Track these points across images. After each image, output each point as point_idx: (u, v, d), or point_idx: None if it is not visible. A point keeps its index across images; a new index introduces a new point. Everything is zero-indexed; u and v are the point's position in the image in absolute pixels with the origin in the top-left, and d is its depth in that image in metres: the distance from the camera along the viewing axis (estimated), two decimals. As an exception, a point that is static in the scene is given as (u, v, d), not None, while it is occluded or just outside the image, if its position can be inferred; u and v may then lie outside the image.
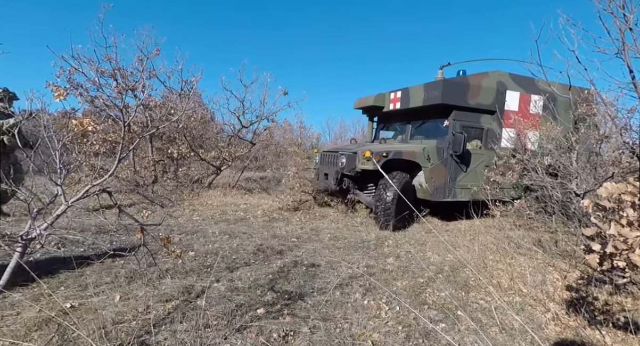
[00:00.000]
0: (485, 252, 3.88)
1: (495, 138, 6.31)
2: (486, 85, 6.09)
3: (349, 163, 5.76)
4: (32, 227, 1.51)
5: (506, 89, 6.28)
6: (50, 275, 3.02)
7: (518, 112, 6.41)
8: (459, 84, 5.88)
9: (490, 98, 6.13)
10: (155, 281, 2.95)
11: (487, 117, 6.26)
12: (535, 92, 6.54)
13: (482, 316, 2.63)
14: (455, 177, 6.02)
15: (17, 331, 2.04)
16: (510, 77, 6.40)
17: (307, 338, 2.20)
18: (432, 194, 5.82)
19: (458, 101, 5.83)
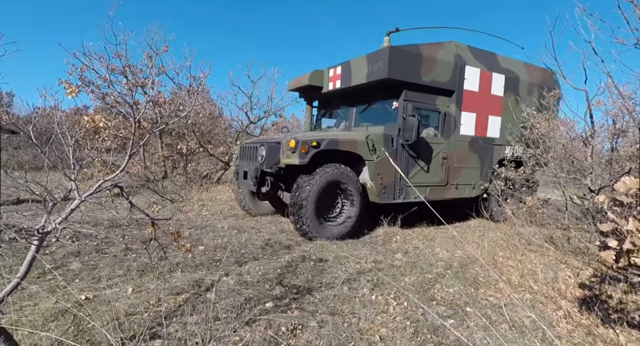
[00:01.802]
0: (495, 248, 3.84)
1: (454, 124, 5.32)
2: (442, 58, 5.02)
3: (271, 156, 4.43)
4: (47, 221, 1.55)
5: (465, 65, 5.25)
6: (65, 267, 3.11)
7: (479, 92, 5.50)
8: (410, 54, 4.71)
9: (447, 74, 5.10)
10: (166, 275, 3.01)
11: (444, 99, 5.22)
12: (497, 70, 5.68)
13: (492, 312, 2.61)
14: (408, 173, 4.96)
15: (35, 322, 2.11)
16: (469, 51, 5.41)
17: (315, 332, 2.21)
18: (379, 195, 4.70)
19: (409, 76, 4.71)
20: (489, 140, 5.77)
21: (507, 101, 5.79)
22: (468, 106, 5.43)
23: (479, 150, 5.67)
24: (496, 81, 5.70)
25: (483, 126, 5.69)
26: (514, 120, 5.76)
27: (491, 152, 5.81)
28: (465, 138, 5.49)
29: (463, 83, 5.30)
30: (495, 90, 5.72)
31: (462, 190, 5.56)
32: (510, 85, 5.84)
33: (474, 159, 5.63)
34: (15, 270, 2.72)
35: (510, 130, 5.82)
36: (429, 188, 5.16)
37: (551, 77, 6.29)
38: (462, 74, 5.29)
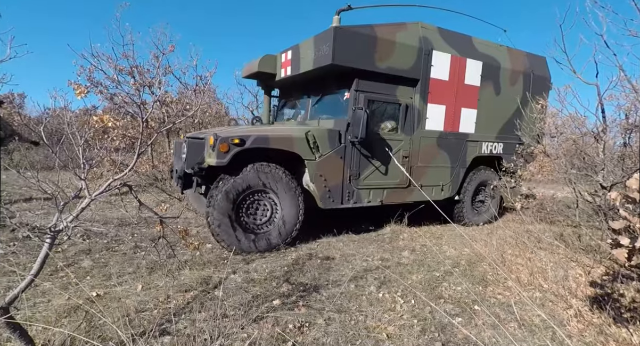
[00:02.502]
0: (503, 246, 3.80)
1: (418, 118, 4.67)
2: (404, 42, 4.31)
3: (192, 155, 3.81)
4: (59, 220, 1.58)
5: (432, 49, 4.55)
6: (76, 265, 3.17)
7: (449, 82, 4.81)
8: (361, 37, 3.99)
9: (409, 60, 4.40)
10: (175, 272, 3.05)
11: (406, 89, 4.55)
12: (473, 56, 4.98)
13: (500, 311, 2.59)
14: (359, 173, 4.30)
15: (49, 318, 2.16)
16: (438, 33, 4.70)
17: (322, 329, 2.22)
18: (323, 199, 4.09)
19: (360, 62, 4.04)
20: (461, 136, 5.10)
21: (485, 91, 5.18)
22: (436, 97, 4.75)
23: (449, 147, 5.01)
24: (471, 68, 4.97)
25: (454, 120, 4.99)
26: (494, 114, 5.33)
27: (464, 149, 5.17)
28: (432, 134, 4.83)
29: (429, 71, 4.60)
30: (471, 79, 5.00)
31: (429, 192, 4.94)
32: (489, 73, 5.14)
33: (442, 158, 4.98)
34: (29, 268, 2.78)
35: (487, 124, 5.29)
36: (387, 191, 4.57)
37: (541, 63, 5.79)
38: (429, 60, 4.56)
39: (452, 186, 5.17)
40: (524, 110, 5.36)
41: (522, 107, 5.33)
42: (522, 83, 5.53)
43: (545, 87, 5.75)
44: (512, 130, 5.48)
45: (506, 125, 5.50)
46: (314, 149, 3.98)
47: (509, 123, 5.50)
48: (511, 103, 5.44)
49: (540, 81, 5.69)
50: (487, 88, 5.20)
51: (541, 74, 5.74)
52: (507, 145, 5.64)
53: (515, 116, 5.47)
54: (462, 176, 5.25)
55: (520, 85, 5.52)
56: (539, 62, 5.77)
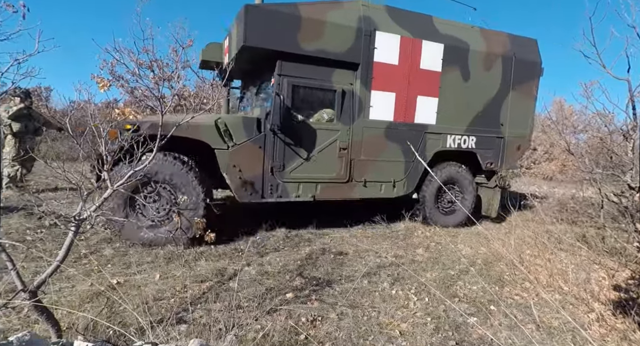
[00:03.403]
0: (522, 246, 3.70)
1: (360, 106, 4.24)
2: (337, 22, 3.95)
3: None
4: (83, 209, 1.64)
5: (375, 30, 4.14)
6: (98, 253, 3.29)
7: (399, 66, 4.36)
8: (279, 16, 3.68)
9: (345, 42, 4.01)
10: (191, 263, 3.12)
11: (344, 73, 4.13)
12: (432, 38, 4.47)
13: (518, 312, 2.53)
14: (284, 165, 3.97)
15: (73, 302, 2.25)
16: (386, 12, 4.27)
17: (335, 324, 2.23)
18: (238, 191, 3.80)
19: (281, 44, 3.71)
20: (418, 127, 4.57)
21: (448, 77, 4.62)
22: (382, 84, 4.28)
23: (402, 140, 4.51)
24: (430, 52, 4.46)
25: (408, 109, 4.48)
26: (462, 103, 4.76)
27: (423, 142, 4.64)
28: (378, 124, 4.35)
29: (372, 54, 4.16)
30: (428, 64, 4.49)
31: (375, 188, 4.48)
32: (454, 56, 4.60)
33: (393, 151, 4.49)
34: (54, 254, 2.91)
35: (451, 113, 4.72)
36: (321, 185, 4.18)
37: (528, 46, 5.14)
38: (371, 42, 4.13)
39: (407, 183, 4.66)
40: (505, 99, 4.91)
41: (501, 95, 4.85)
42: (501, 68, 4.91)
43: (533, 72, 5.17)
44: (489, 122, 4.96)
45: (480, 116, 4.90)
46: (225, 138, 3.67)
47: (484, 113, 4.91)
48: (486, 91, 4.88)
49: (525, 66, 5.06)
50: (451, 73, 4.62)
51: (527, 58, 5.09)
52: (482, 139, 4.99)
53: (493, 106, 4.94)
54: (421, 172, 4.72)
55: (497, 71, 4.90)
56: (525, 44, 5.14)
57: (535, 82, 5.22)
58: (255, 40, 3.60)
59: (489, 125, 5.01)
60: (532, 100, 5.28)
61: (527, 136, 5.43)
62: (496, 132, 5.08)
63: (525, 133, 5.36)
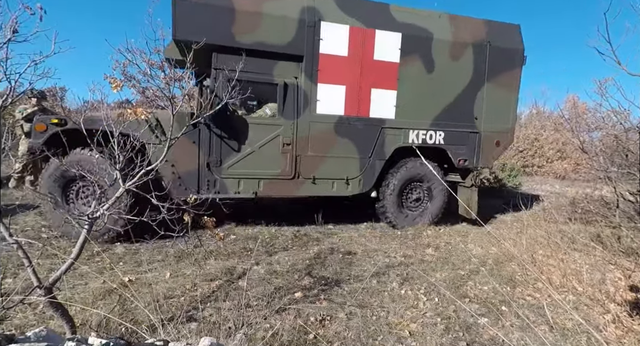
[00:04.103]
0: (534, 245, 3.63)
1: (305, 100, 4.09)
2: (274, 13, 3.86)
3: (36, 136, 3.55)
4: (96, 207, 1.67)
5: (320, 20, 4.01)
6: (110, 251, 3.35)
7: (349, 58, 4.17)
8: (211, 8, 3.65)
9: (286, 34, 3.91)
10: (201, 262, 3.15)
11: (287, 66, 4.00)
12: (387, 27, 4.27)
13: (530, 313, 2.48)
14: (221, 161, 3.87)
15: (86, 299, 2.30)
16: (334, 2, 4.11)
17: (344, 323, 2.23)
18: (172, 187, 3.67)
19: (214, 37, 3.63)
20: (374, 122, 4.36)
21: (408, 69, 4.37)
22: (329, 76, 4.10)
23: (355, 135, 4.31)
24: (385, 42, 4.23)
25: (361, 103, 4.27)
26: (426, 95, 4.48)
27: (381, 137, 4.42)
28: (327, 118, 4.17)
29: (318, 45, 4.02)
30: (384, 55, 4.26)
31: (326, 186, 4.31)
32: (414, 46, 4.34)
33: (345, 147, 4.29)
34: (68, 252, 2.97)
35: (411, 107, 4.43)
36: (264, 182, 4.07)
37: (507, 32, 4.75)
38: (316, 33, 3.99)
39: (363, 180, 4.45)
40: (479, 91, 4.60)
41: (474, 86, 4.55)
42: (472, 57, 4.58)
43: (513, 61, 4.75)
44: (460, 116, 4.65)
45: (449, 110, 4.60)
46: (157, 132, 3.63)
47: (454, 107, 4.61)
48: (454, 82, 4.57)
49: (503, 54, 4.69)
50: (411, 64, 4.37)
51: (505, 46, 4.70)
52: (452, 134, 4.67)
53: (464, 98, 4.62)
54: (379, 169, 4.49)
55: (468, 60, 4.58)
56: (503, 31, 4.76)
57: (517, 71, 4.78)
58: (185, 33, 3.53)
59: (461, 119, 4.66)
60: (513, 91, 4.83)
61: (508, 131, 4.95)
62: (470, 126, 4.72)
63: (505, 127, 4.90)
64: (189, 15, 3.59)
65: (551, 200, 6.12)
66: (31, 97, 5.24)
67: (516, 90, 4.85)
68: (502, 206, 5.88)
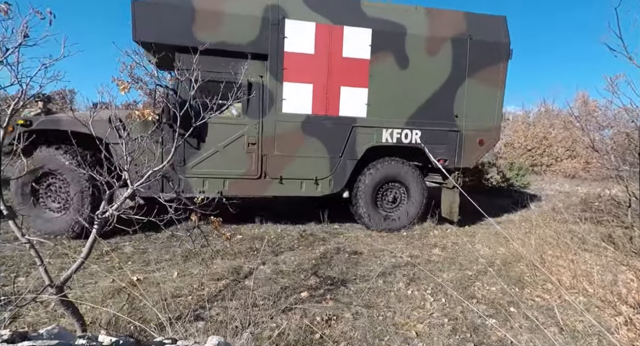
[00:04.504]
0: (543, 246, 3.58)
1: (271, 100, 4.06)
2: (236, 12, 3.86)
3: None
4: (105, 207, 1.69)
5: (285, 18, 3.99)
6: (119, 250, 3.40)
7: (316, 55, 4.11)
8: (171, 9, 3.68)
9: (250, 33, 3.91)
10: (208, 261, 3.18)
11: (252, 65, 3.92)
12: (356, 23, 4.17)
13: (539, 314, 2.45)
14: (185, 160, 3.91)
15: (96, 298, 2.33)
16: (295, 0, 4.07)
17: (350, 323, 2.22)
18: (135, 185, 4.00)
19: (175, 38, 3.67)
20: (344, 120, 4.27)
21: (380, 66, 4.25)
22: (295, 75, 4.04)
23: (324, 134, 4.22)
24: (354, 38, 4.14)
25: (330, 102, 4.18)
26: (400, 93, 4.34)
27: (352, 137, 4.32)
28: (294, 118, 4.11)
29: (282, 44, 4.00)
30: (353, 52, 4.16)
31: (294, 186, 4.26)
32: (387, 42, 4.23)
33: (313, 146, 4.22)
34: (78, 251, 3.02)
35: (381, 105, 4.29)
36: (229, 181, 4.06)
37: (490, 25, 4.52)
38: (280, 32, 3.97)
39: (334, 181, 4.35)
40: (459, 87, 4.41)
41: (453, 82, 4.38)
42: (451, 52, 4.41)
43: (497, 55, 4.53)
44: (439, 114, 4.49)
45: (426, 108, 4.45)
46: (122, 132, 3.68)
47: (431, 104, 4.45)
48: (431, 78, 4.41)
49: (486, 48, 4.48)
50: (383, 61, 4.25)
51: (488, 39, 4.48)
52: (431, 132, 4.51)
53: (442, 95, 4.45)
54: (350, 169, 4.39)
55: (446, 55, 4.40)
56: (486, 24, 4.52)
57: (501, 66, 4.54)
58: (145, 35, 3.55)
59: (439, 117, 4.49)
60: (497, 87, 4.58)
61: (492, 129, 4.71)
62: (449, 124, 4.53)
63: (489, 126, 4.66)
64: (148, 16, 3.62)
65: (561, 199, 6.03)
66: (37, 100, 5.33)
67: (501, 86, 4.62)
68: (510, 206, 5.82)
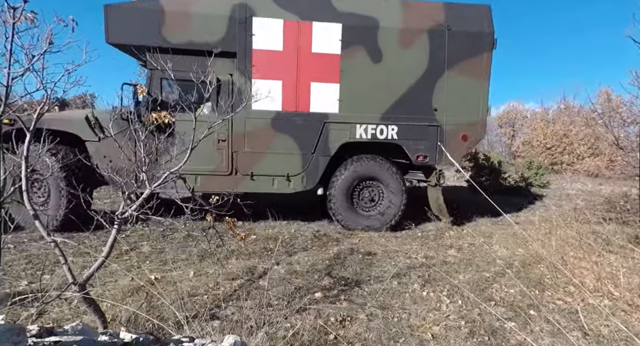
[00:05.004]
0: (564, 247, 3.46)
1: (239, 97, 4.10)
2: (203, 12, 3.98)
3: None
4: (124, 208, 1.74)
5: (252, 16, 4.05)
6: (137, 250, 3.49)
7: (284, 52, 4.13)
8: (140, 12, 3.85)
9: (217, 32, 4.02)
10: (223, 261, 3.22)
11: (221, 63, 4.01)
12: (325, 18, 4.15)
13: (561, 318, 2.37)
14: (157, 157, 4.02)
15: (116, 296, 2.40)
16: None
17: (365, 324, 2.21)
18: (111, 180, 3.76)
19: (145, 39, 3.79)
20: (315, 116, 4.24)
21: (351, 60, 4.21)
22: (264, 72, 4.04)
23: (295, 130, 4.21)
24: (323, 33, 4.12)
25: (300, 98, 4.17)
26: (374, 87, 4.27)
27: (325, 133, 4.28)
28: (263, 114, 4.10)
29: (250, 41, 4.06)
30: (323, 47, 4.14)
31: (266, 182, 4.29)
32: (358, 36, 4.19)
33: (284, 143, 4.23)
34: (99, 250, 3.12)
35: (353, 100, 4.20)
36: (201, 177, 4.12)
37: (471, 15, 4.35)
38: (248, 29, 4.04)
39: (306, 177, 4.33)
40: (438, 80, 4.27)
41: (432, 75, 4.24)
42: (428, 43, 4.29)
43: (479, 46, 4.34)
44: (416, 108, 4.35)
45: (402, 102, 4.34)
46: (96, 130, 3.89)
47: (408, 98, 4.33)
48: (407, 72, 4.31)
49: (467, 38, 4.32)
50: (354, 55, 4.20)
51: (470, 29, 4.33)
52: (408, 128, 4.38)
53: (419, 89, 4.33)
54: (323, 166, 4.35)
55: (423, 47, 4.29)
56: (467, 13, 4.38)
57: (484, 57, 4.35)
58: (116, 37, 3.69)
59: (417, 111, 4.36)
60: (481, 79, 4.40)
61: (476, 123, 4.49)
62: (428, 119, 4.39)
63: (473, 120, 4.46)
64: (119, 19, 3.78)
65: (583, 199, 5.81)
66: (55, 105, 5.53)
67: (485, 78, 4.42)
68: (528, 205, 5.66)
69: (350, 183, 4.43)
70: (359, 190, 4.53)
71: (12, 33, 1.44)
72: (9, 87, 1.51)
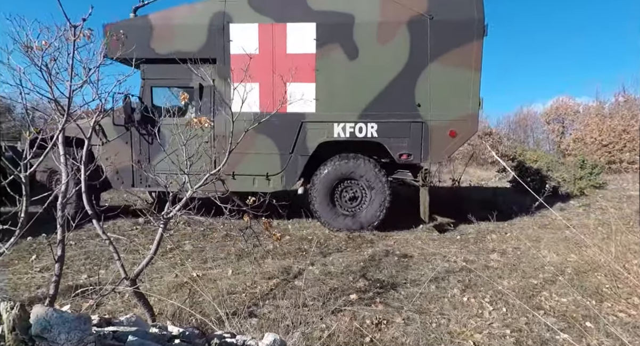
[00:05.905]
0: (626, 254, 3.13)
1: (220, 100, 4.27)
2: (184, 23, 4.30)
3: None
4: (169, 208, 1.85)
5: (229, 23, 4.22)
6: (180, 248, 3.69)
7: (261, 55, 4.18)
8: (133, 28, 4.20)
9: (198, 41, 4.26)
10: (259, 260, 3.31)
11: (204, 70, 3.99)
12: (299, 19, 4.16)
13: (624, 332, 2.14)
14: (149, 159, 4.43)
15: (162, 291, 2.56)
16: (246, 2, 4.22)
17: (401, 328, 2.16)
18: (111, 180, 4.50)
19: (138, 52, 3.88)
20: (292, 116, 4.26)
21: (327, 59, 4.17)
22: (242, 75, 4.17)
23: (273, 131, 4.25)
24: (297, 34, 4.16)
25: (277, 99, 4.15)
26: (351, 85, 4.18)
27: (302, 132, 4.30)
28: (243, 116, 4.19)
29: (228, 47, 4.24)
30: (297, 47, 4.19)
31: (246, 182, 4.40)
32: (332, 34, 4.15)
33: (263, 143, 4.31)
34: (147, 247, 3.34)
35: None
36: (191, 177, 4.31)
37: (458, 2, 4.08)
38: (225, 36, 4.23)
39: (285, 177, 4.38)
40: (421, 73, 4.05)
41: (413, 69, 4.04)
42: (408, 36, 4.09)
43: (467, 34, 4.03)
44: (397, 104, 4.17)
45: (382, 98, 4.18)
46: (100, 135, 4.37)
47: (388, 94, 4.17)
48: (386, 67, 4.14)
49: (453, 27, 4.03)
50: (330, 54, 4.16)
51: (455, 17, 4.04)
52: (389, 125, 4.21)
53: (400, 84, 4.13)
54: (302, 165, 4.35)
55: (402, 40, 4.10)
56: (452, 0, 4.10)
57: (474, 45, 4.03)
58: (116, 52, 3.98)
59: (398, 108, 4.18)
60: (471, 70, 4.08)
61: (466, 117, 4.16)
62: (411, 115, 4.18)
63: (462, 115, 4.14)
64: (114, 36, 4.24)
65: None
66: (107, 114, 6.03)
67: (475, 68, 4.08)
68: (581, 208, 5.20)
69: (330, 182, 4.39)
70: (340, 189, 4.47)
71: (73, 49, 1.59)
72: (70, 98, 1.67)
